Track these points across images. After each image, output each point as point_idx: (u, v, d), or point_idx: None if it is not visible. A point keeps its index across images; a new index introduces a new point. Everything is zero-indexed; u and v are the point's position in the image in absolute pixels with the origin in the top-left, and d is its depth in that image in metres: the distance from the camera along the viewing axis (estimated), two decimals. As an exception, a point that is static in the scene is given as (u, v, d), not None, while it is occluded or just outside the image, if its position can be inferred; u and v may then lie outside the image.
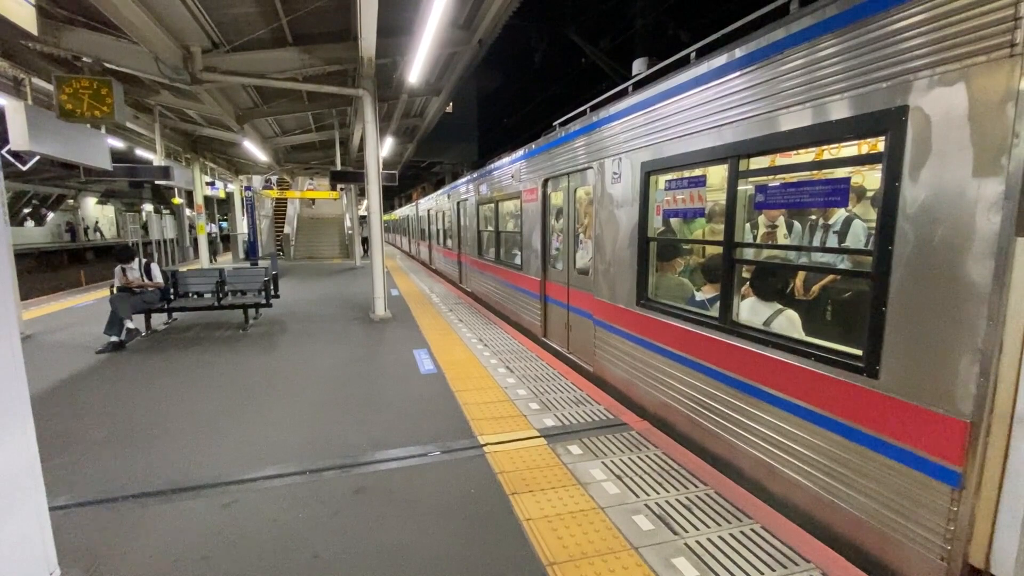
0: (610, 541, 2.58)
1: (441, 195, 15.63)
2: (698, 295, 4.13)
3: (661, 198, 4.30)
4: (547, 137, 6.55)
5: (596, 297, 5.22)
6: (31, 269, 26.67)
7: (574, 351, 6.02)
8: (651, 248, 4.34)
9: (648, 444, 3.67)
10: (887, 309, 2.35)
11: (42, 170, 24.68)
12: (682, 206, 4.11)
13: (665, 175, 4.18)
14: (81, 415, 4.38)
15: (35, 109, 6.78)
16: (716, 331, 3.46)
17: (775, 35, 2.90)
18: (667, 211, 4.32)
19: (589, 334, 5.44)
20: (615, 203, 4.76)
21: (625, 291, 4.63)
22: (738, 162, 3.22)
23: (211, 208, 26.00)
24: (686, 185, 3.97)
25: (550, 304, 6.76)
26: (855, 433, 2.51)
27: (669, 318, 3.99)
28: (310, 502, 2.98)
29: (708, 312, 3.77)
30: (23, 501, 2.08)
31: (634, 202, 4.42)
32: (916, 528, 2.25)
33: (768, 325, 3.29)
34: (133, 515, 2.87)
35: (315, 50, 7.91)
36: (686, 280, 4.51)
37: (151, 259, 7.87)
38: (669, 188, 4.19)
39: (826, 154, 3.19)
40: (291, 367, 5.78)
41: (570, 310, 6.06)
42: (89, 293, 12.12)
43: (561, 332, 6.37)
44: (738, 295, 3.39)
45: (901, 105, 2.25)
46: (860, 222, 3.84)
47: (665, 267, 4.59)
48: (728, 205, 3.31)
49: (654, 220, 4.37)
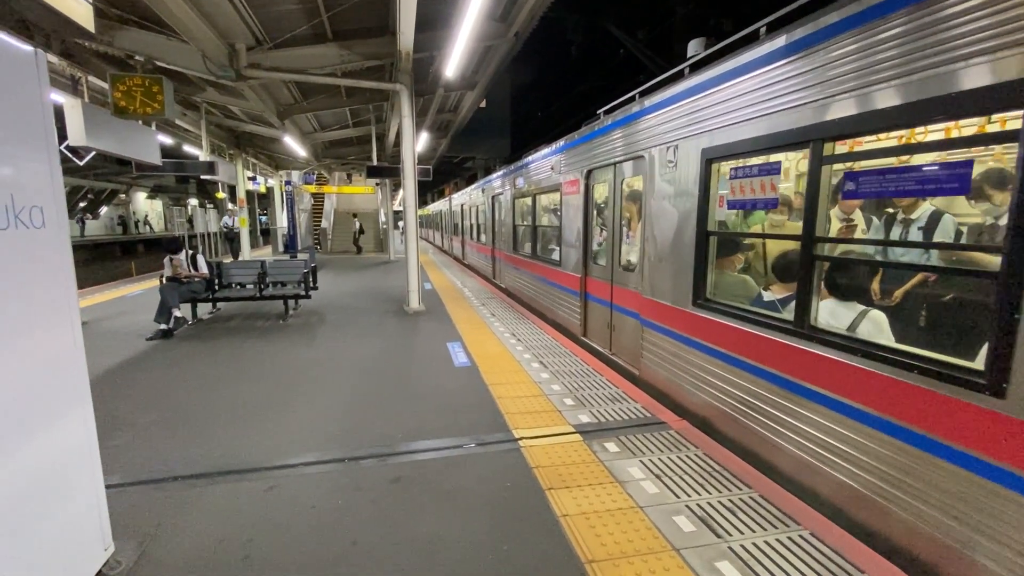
0: (650, 541, 2.51)
1: (475, 189, 15.52)
2: (766, 295, 3.75)
3: (724, 188, 3.86)
4: (591, 126, 6.20)
5: (644, 296, 4.89)
6: (87, 260, 28.14)
7: (617, 352, 5.74)
8: (710, 243, 3.97)
9: (688, 444, 3.58)
10: (1021, 316, 2.00)
11: (97, 165, 26.01)
12: (750, 196, 3.61)
13: (730, 162, 3.77)
14: (132, 399, 4.58)
15: (91, 106, 7.10)
16: (791, 336, 3.11)
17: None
18: (732, 202, 3.80)
19: (635, 335, 5.13)
20: (669, 194, 4.40)
21: (679, 290, 4.30)
22: (822, 146, 2.85)
23: (252, 203, 26.82)
24: (756, 173, 3.50)
25: (591, 302, 6.47)
26: (972, 462, 2.16)
27: (732, 320, 3.63)
28: (348, 489, 3.02)
29: (780, 314, 3.38)
30: (83, 478, 2.17)
31: (691, 193, 4.06)
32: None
33: (852, 330, 2.94)
34: (181, 495, 2.97)
35: (354, 45, 8.02)
36: (748, 278, 4.10)
37: (197, 251, 8.17)
38: (735, 177, 3.71)
39: (930, 135, 2.74)
40: (329, 357, 5.90)
41: (613, 309, 5.77)
42: (139, 283, 12.68)
43: (603, 332, 6.10)
44: (817, 296, 3.03)
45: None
46: (950, 217, 3.36)
47: (724, 264, 4.19)
48: (809, 195, 2.92)
49: (715, 212, 3.96)
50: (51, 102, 2.03)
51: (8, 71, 1.82)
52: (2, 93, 1.78)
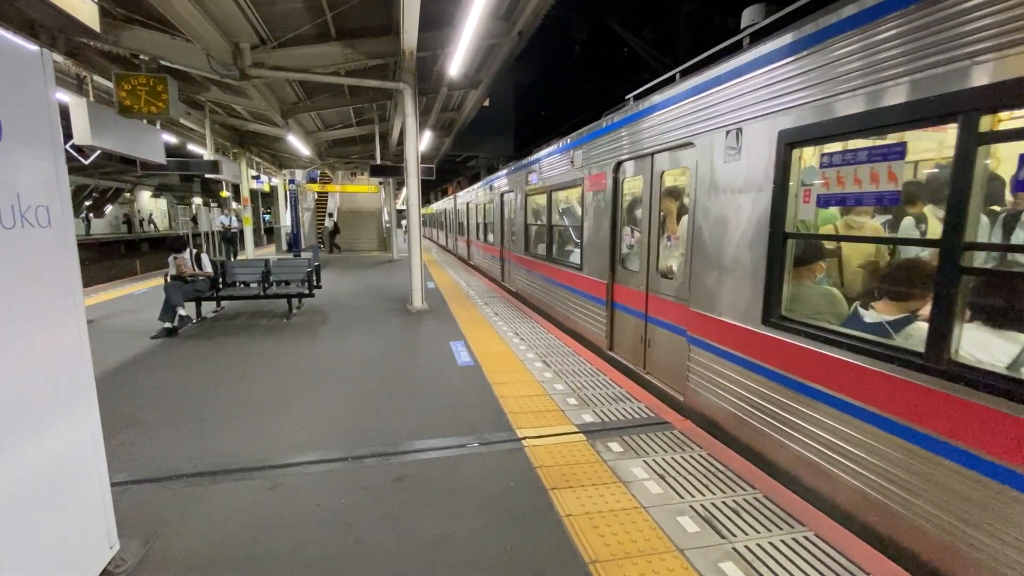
0: (654, 542, 2.51)
1: (482, 187, 14.88)
2: (866, 314, 2.99)
3: (811, 179, 3.17)
4: (622, 112, 5.48)
5: (692, 308, 4.20)
6: (91, 259, 28.26)
7: (654, 371, 5.06)
8: (788, 248, 3.25)
9: (692, 444, 3.57)
10: None
11: (102, 164, 26.10)
12: (856, 189, 2.84)
13: (823, 146, 3.06)
14: (137, 397, 4.60)
15: (96, 106, 7.13)
16: (918, 373, 2.42)
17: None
18: (826, 196, 3.07)
19: (679, 354, 4.46)
20: (730, 188, 3.73)
21: (743, 303, 3.61)
22: (978, 119, 2.16)
23: (256, 201, 26.92)
24: (866, 159, 2.78)
25: (619, 312, 5.80)
26: None
27: (822, 346, 2.94)
28: (352, 488, 3.02)
29: (894, 341, 2.68)
30: (88, 476, 2.18)
31: (762, 186, 3.39)
32: None
33: (1016, 371, 2.21)
34: (186, 494, 2.98)
35: (358, 44, 8.02)
36: (835, 291, 3.35)
37: (201, 250, 8.20)
38: (830, 164, 3.02)
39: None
40: (332, 355, 5.91)
41: (649, 321, 5.09)
42: (144, 282, 12.73)
43: (634, 346, 5.43)
44: (960, 320, 2.33)
45: None
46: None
47: (802, 273, 3.44)
48: (955, 186, 2.25)
49: (797, 210, 3.25)
50: (56, 101, 2.04)
51: (14, 71, 1.82)
52: (8, 93, 1.79)
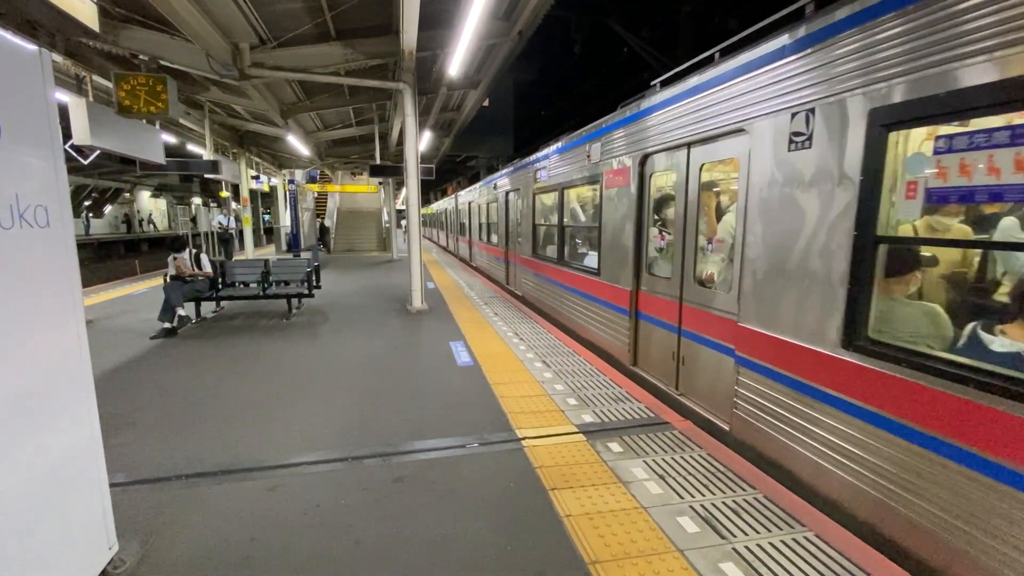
0: (654, 542, 2.51)
1: (485, 185, 14.28)
2: (997, 343, 2.36)
3: (919, 170, 2.55)
4: (649, 99, 4.91)
5: (743, 324, 3.63)
6: (91, 259, 28.24)
7: (689, 393, 4.52)
8: (878, 256, 2.67)
9: (692, 444, 3.57)
10: None
11: (102, 164, 26.06)
12: (995, 181, 2.22)
13: (942, 124, 2.42)
14: (136, 397, 4.59)
15: (95, 106, 7.10)
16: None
17: None
18: (940, 191, 2.44)
19: (723, 376, 3.95)
20: (794, 182, 3.16)
21: (813, 322, 3.03)
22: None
23: (256, 201, 26.92)
24: (1007, 141, 2.16)
25: (644, 323, 5.25)
26: None
27: (930, 380, 2.36)
28: (352, 489, 3.02)
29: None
30: (87, 477, 2.17)
31: (843, 178, 2.81)
32: None
33: None
34: (185, 494, 2.98)
35: (357, 44, 8.02)
36: (938, 310, 2.72)
37: (200, 250, 8.20)
38: (949, 151, 2.37)
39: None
40: (332, 356, 5.90)
41: (683, 335, 4.55)
42: (143, 282, 12.73)
43: (664, 363, 4.88)
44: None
45: None
46: None
47: (892, 287, 2.80)
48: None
49: (895, 208, 2.66)
50: (55, 101, 2.04)
51: (13, 70, 1.82)
52: (7, 92, 1.78)
